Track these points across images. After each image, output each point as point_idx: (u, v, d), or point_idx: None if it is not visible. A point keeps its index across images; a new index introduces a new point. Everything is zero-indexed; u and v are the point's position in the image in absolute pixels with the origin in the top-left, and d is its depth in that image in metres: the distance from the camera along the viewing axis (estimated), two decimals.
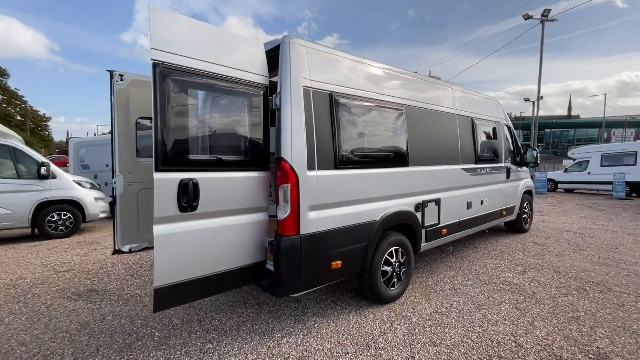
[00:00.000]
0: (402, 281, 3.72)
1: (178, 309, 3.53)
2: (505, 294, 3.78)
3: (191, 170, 2.27)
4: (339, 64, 3.13)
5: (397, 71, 3.77)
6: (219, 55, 2.40)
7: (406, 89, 3.80)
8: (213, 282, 2.47)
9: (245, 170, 2.60)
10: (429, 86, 4.24)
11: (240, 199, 2.57)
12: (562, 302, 3.55)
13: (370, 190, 3.26)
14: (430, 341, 2.85)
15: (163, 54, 2.12)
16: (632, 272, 4.41)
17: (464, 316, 3.28)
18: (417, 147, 3.81)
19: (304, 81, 2.75)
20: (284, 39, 2.74)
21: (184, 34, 2.22)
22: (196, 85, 2.30)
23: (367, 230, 3.23)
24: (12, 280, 4.45)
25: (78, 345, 2.89)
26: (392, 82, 3.64)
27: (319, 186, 2.80)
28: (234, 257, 2.57)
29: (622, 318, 3.20)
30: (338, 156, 2.97)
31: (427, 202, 3.94)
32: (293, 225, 2.65)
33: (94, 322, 3.29)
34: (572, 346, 2.75)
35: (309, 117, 2.75)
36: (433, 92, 4.25)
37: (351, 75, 3.21)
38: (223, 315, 3.37)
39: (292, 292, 2.77)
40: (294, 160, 2.63)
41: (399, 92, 3.68)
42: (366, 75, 3.37)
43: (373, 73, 3.45)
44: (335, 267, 2.97)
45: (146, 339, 2.95)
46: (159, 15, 2.13)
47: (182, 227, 2.25)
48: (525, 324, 3.12)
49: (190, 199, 2.25)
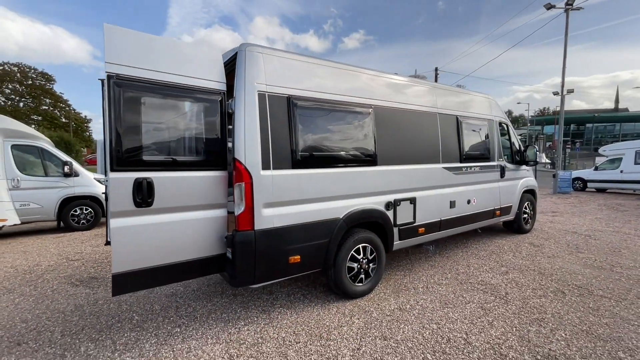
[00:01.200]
0: (372, 278, 3.81)
1: (161, 296, 3.86)
2: (476, 294, 3.76)
3: (146, 170, 2.53)
4: (299, 67, 3.27)
5: (366, 72, 3.84)
6: (172, 65, 2.64)
7: (375, 89, 3.87)
8: (172, 271, 2.73)
9: (202, 170, 2.83)
10: (404, 86, 4.25)
11: (197, 196, 2.80)
12: (532, 304, 3.49)
13: (332, 188, 3.38)
14: (381, 335, 2.95)
15: (117, 67, 2.39)
16: (624, 277, 4.19)
17: (425, 313, 3.33)
18: (388, 147, 3.87)
19: (259, 86, 2.93)
20: (240, 47, 2.94)
21: (136, 48, 2.48)
22: (150, 93, 2.55)
23: (329, 227, 3.36)
24: (30, 267, 5.02)
25: (68, 324, 3.27)
26: (359, 83, 3.72)
27: (274, 185, 2.97)
28: (193, 249, 2.82)
29: (591, 322, 3.11)
30: (296, 156, 3.12)
31: (399, 200, 3.99)
32: (248, 221, 2.85)
33: (87, 306, 3.69)
34: (523, 347, 2.74)
35: (264, 120, 2.93)
36: (408, 92, 4.27)
37: (312, 78, 3.34)
38: (199, 304, 3.65)
39: (248, 283, 2.98)
40: (247, 160, 2.82)
41: (367, 93, 3.76)
42: (329, 77, 3.49)
43: (337, 75, 3.56)
44: (293, 262, 3.14)
45: (125, 322, 3.29)
46: (113, 32, 2.40)
47: (137, 221, 2.52)
48: (484, 323, 3.13)
49: (145, 196, 2.51)
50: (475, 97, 5.39)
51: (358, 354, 2.69)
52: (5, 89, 36.73)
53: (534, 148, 6.04)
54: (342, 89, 3.55)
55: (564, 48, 13.68)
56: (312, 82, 3.32)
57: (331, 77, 3.50)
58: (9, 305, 3.71)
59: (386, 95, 3.96)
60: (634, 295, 3.65)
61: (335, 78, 3.53)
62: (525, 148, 6.08)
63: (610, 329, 2.99)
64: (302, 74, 3.27)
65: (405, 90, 4.24)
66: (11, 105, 36.39)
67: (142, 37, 2.53)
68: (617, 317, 3.20)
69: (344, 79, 3.61)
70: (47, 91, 39.66)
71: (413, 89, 4.34)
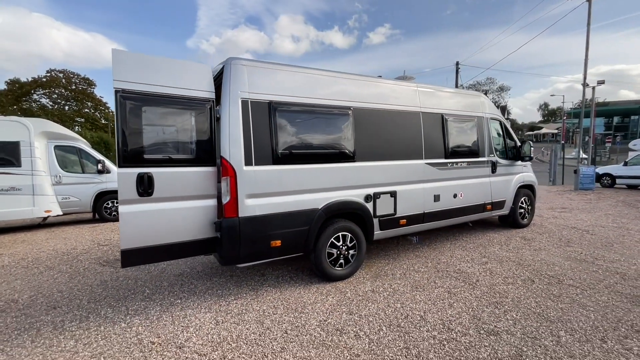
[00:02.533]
0: (352, 263, 4.21)
1: (170, 275, 4.49)
2: (448, 280, 4.06)
3: (147, 166, 3.10)
4: (280, 76, 3.72)
5: (345, 77, 4.22)
6: (168, 79, 3.18)
7: (355, 92, 4.23)
8: (170, 250, 3.30)
9: (194, 166, 3.36)
10: (384, 88, 4.57)
11: (191, 188, 3.34)
12: (498, 290, 3.74)
13: (310, 182, 3.82)
14: (348, 311, 3.36)
15: (122, 83, 2.96)
16: (602, 269, 4.29)
17: (394, 295, 3.70)
18: (366, 144, 4.23)
19: (242, 94, 3.42)
20: (227, 61, 3.44)
21: (138, 67, 3.04)
22: (149, 104, 3.10)
23: (309, 216, 3.80)
24: (68, 250, 5.87)
25: (93, 294, 3.96)
26: (338, 87, 4.11)
27: (256, 179, 3.46)
28: (187, 232, 3.37)
29: (546, 306, 3.34)
30: (276, 154, 3.58)
31: (379, 194, 4.34)
32: (233, 209, 3.36)
33: (110, 281, 4.38)
34: (472, 324, 3.04)
35: (247, 123, 3.41)
36: (389, 93, 4.58)
37: (292, 84, 3.78)
38: (200, 282, 4.23)
39: (234, 262, 3.49)
40: (231, 157, 3.32)
41: (346, 96, 4.13)
42: (309, 83, 3.90)
43: (316, 81, 3.97)
44: (274, 246, 3.61)
45: (138, 294, 3.92)
46: (119, 54, 2.98)
47: (140, 208, 3.10)
48: (444, 304, 3.44)
49: (146, 187, 3.08)
50: (464, 95, 5.58)
51: (323, 324, 3.12)
52: (52, 94, 40.16)
53: (529, 144, 6.09)
54: (321, 93, 3.96)
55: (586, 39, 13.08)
56: (292, 88, 3.76)
57: (311, 83, 3.92)
58: (48, 279, 4.49)
59: (366, 97, 4.32)
60: (603, 286, 3.79)
61: (315, 83, 3.95)
62: (521, 144, 6.16)
63: (563, 312, 3.21)
64: (283, 82, 3.72)
65: (386, 91, 4.56)
66: (58, 109, 39.74)
67: (142, 58, 3.10)
68: (576, 303, 3.40)
69: (323, 84, 4.01)
70: (89, 95, 42.84)
71: (394, 90, 4.65)
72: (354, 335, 2.92)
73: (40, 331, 3.12)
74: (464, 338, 2.82)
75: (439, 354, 2.62)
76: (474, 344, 2.74)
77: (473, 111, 5.56)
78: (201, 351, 2.73)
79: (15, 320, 3.36)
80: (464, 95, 5.58)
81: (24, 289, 4.18)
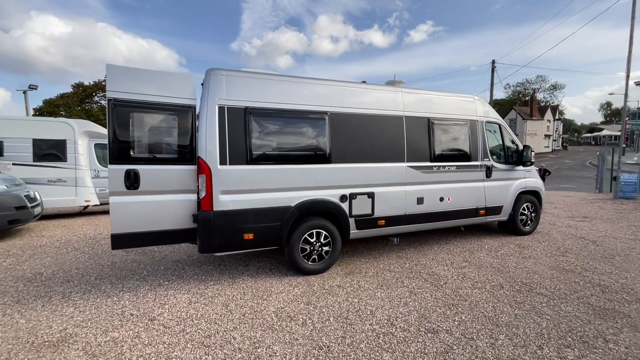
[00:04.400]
0: (326, 259, 4.45)
1: (169, 261, 5.05)
2: (416, 281, 4.15)
3: (134, 164, 3.61)
4: (257, 83, 4.07)
5: (322, 83, 4.45)
6: (154, 89, 3.66)
7: (332, 97, 4.45)
8: (154, 236, 3.80)
9: (175, 164, 3.83)
10: (363, 93, 4.73)
11: (173, 183, 3.81)
12: (461, 293, 3.78)
13: (283, 181, 4.12)
14: (307, 301, 3.63)
15: (114, 93, 3.49)
16: (585, 280, 4.11)
17: (356, 291, 3.89)
18: (343, 147, 4.44)
19: (220, 101, 3.82)
20: (207, 72, 3.87)
21: (128, 79, 3.56)
22: (137, 110, 3.61)
23: (281, 213, 4.11)
24: (94, 235, 6.74)
25: (101, 273, 4.61)
26: (314, 93, 4.36)
27: (230, 177, 3.84)
28: (170, 222, 3.84)
29: (501, 311, 3.34)
30: (250, 155, 3.94)
31: (355, 194, 4.53)
32: (208, 203, 3.78)
33: (118, 263, 5.04)
34: (416, 321, 3.17)
35: (222, 126, 3.81)
36: (369, 98, 4.73)
37: (269, 91, 4.10)
38: (190, 269, 4.73)
39: (210, 251, 3.91)
40: (207, 157, 3.74)
41: (323, 101, 4.37)
42: (285, 89, 4.20)
43: (293, 87, 4.26)
44: (247, 238, 3.98)
45: (137, 275, 4.51)
46: (112, 68, 3.52)
47: (128, 199, 3.61)
48: (400, 303, 3.58)
49: (132, 181, 3.59)
50: (456, 98, 5.52)
51: (279, 311, 3.42)
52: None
53: (530, 149, 5.86)
54: (297, 99, 4.24)
55: (630, 34, 11.88)
56: (268, 95, 4.09)
57: (287, 90, 4.22)
58: (72, 258, 5.27)
59: (344, 102, 4.52)
60: (576, 297, 3.67)
61: (291, 90, 4.24)
62: (523, 148, 5.94)
63: (515, 318, 3.21)
64: (259, 89, 4.06)
65: (365, 97, 4.72)
66: None
67: (133, 70, 3.62)
68: (534, 310, 3.36)
69: (299, 90, 4.29)
70: None
71: (374, 96, 4.79)
72: (301, 322, 3.19)
73: (52, 299, 3.77)
74: (401, 333, 2.97)
75: (370, 344, 2.80)
76: (408, 339, 2.88)
77: (465, 115, 5.50)
78: (167, 324, 3.17)
79: (36, 288, 4.06)
80: (455, 98, 5.53)
81: (50, 264, 4.97)
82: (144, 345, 2.84)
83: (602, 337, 2.87)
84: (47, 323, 3.21)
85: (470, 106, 5.62)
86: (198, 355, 2.68)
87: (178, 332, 3.04)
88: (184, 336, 2.96)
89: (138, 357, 2.66)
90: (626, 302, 3.52)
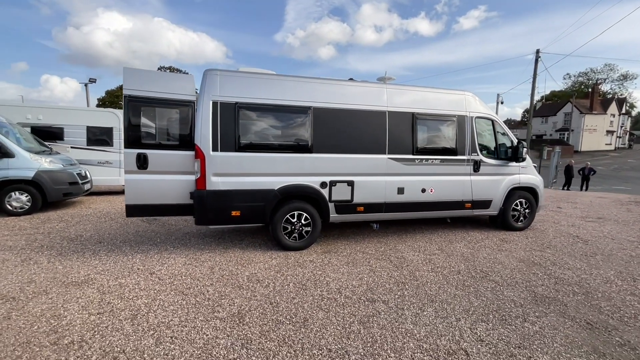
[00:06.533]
0: (306, 238, 5.03)
1: (180, 233, 5.95)
2: (381, 262, 4.58)
3: (143, 148, 4.44)
4: (247, 81, 4.68)
5: (308, 80, 4.94)
6: (162, 87, 4.43)
7: (316, 93, 4.93)
8: (159, 208, 4.65)
9: (178, 149, 4.61)
10: (347, 89, 5.12)
11: (175, 165, 4.60)
12: (416, 275, 4.16)
13: (268, 167, 4.73)
14: (278, 270, 4.25)
15: (129, 91, 4.32)
16: (546, 273, 4.25)
17: (324, 266, 4.43)
18: (324, 139, 4.93)
19: (214, 97, 4.50)
20: (204, 72, 4.56)
21: (140, 79, 4.36)
22: (147, 104, 4.42)
23: (265, 195, 4.74)
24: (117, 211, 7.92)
25: (126, 238, 5.62)
26: (299, 90, 4.86)
27: (221, 162, 4.53)
28: (173, 197, 4.66)
29: (443, 291, 3.70)
30: (239, 143, 4.59)
31: (335, 182, 5.02)
32: (202, 183, 4.52)
33: (141, 232, 6.05)
34: (362, 293, 3.64)
35: (215, 119, 4.49)
36: (352, 94, 5.12)
37: (257, 88, 4.69)
38: (195, 239, 5.58)
39: (204, 224, 4.69)
40: (202, 144, 4.46)
41: (307, 97, 4.87)
42: (272, 87, 4.76)
43: (280, 84, 4.80)
44: (234, 215, 4.67)
45: (152, 241, 5.44)
46: (127, 71, 4.34)
47: (139, 177, 4.46)
48: (356, 277, 4.06)
49: (142, 163, 4.43)
50: (444, 94, 5.69)
51: (251, 275, 4.08)
52: None
53: (522, 144, 5.85)
54: (283, 95, 4.79)
55: None
56: (257, 92, 4.69)
57: (274, 87, 4.78)
58: (107, 226, 6.39)
59: (327, 97, 4.98)
60: (525, 286, 3.88)
61: (278, 87, 4.79)
62: (517, 144, 5.95)
63: (453, 298, 3.55)
64: (249, 86, 4.67)
65: (349, 93, 5.12)
66: None
67: (144, 72, 4.42)
68: (474, 293, 3.67)
69: (286, 87, 4.83)
70: None
71: (357, 92, 5.17)
72: (265, 285, 3.82)
73: (85, 254, 4.79)
74: (343, 299, 3.48)
75: (312, 305, 3.35)
76: (345, 304, 3.38)
77: (453, 110, 5.66)
78: (161, 277, 3.97)
79: (75, 246, 5.14)
80: (444, 94, 5.69)
81: (90, 230, 6.11)
82: (140, 289, 3.66)
83: (523, 318, 3.15)
84: (77, 270, 4.18)
85: (460, 102, 5.75)
86: (176, 299, 3.43)
87: (168, 283, 3.83)
88: (170, 286, 3.74)
89: (134, 296, 3.47)
90: (571, 294, 3.67)
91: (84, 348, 2.61)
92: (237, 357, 2.54)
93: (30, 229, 6.09)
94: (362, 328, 2.95)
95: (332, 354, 2.59)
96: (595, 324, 3.07)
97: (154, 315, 3.11)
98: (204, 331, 2.86)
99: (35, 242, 5.25)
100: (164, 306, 3.29)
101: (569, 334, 2.90)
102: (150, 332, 2.83)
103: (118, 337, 2.75)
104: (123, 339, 2.73)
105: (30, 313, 3.11)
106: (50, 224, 6.45)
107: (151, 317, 3.09)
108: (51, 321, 2.98)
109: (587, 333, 2.92)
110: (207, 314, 3.15)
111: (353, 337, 2.81)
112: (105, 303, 3.34)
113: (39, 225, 6.33)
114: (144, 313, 3.15)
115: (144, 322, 3.00)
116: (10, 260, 4.46)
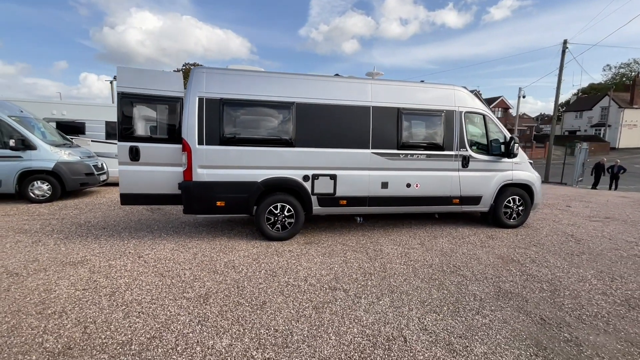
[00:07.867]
0: (289, 229, 5.23)
1: (177, 222, 6.33)
2: (357, 254, 4.70)
3: (135, 142, 4.79)
4: (232, 79, 4.90)
5: (291, 76, 5.09)
6: (153, 84, 4.75)
7: (298, 89, 5.07)
8: (151, 197, 5.00)
9: (167, 143, 4.93)
10: (331, 85, 5.21)
11: (165, 158, 4.92)
12: (387, 267, 4.26)
13: (251, 160, 4.95)
14: (255, 258, 4.49)
15: (122, 88, 4.66)
16: (520, 270, 4.20)
17: (300, 256, 4.61)
18: (306, 133, 5.07)
19: (200, 93, 4.76)
20: (192, 70, 4.82)
21: (133, 77, 4.69)
22: (139, 101, 4.75)
23: (248, 186, 4.98)
24: None
25: (127, 225, 6.06)
26: (282, 86, 5.02)
27: (206, 154, 4.81)
28: (163, 187, 5.00)
29: (407, 283, 3.78)
30: (223, 137, 4.84)
31: (318, 175, 5.16)
32: (189, 175, 4.81)
33: (142, 220, 6.50)
34: (327, 281, 3.80)
35: (201, 114, 4.76)
36: (335, 90, 5.21)
37: (242, 85, 4.90)
38: (188, 228, 5.93)
39: (191, 213, 5.00)
40: (188, 138, 4.74)
41: (289, 93, 5.02)
42: (256, 83, 4.96)
43: (264, 81, 4.98)
44: (219, 205, 4.95)
45: (149, 229, 5.85)
46: (122, 69, 4.68)
47: (131, 168, 4.83)
48: (326, 267, 4.23)
49: (134, 155, 4.78)
50: (431, 89, 5.64)
51: (228, 262, 4.34)
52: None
53: (514, 140, 5.70)
54: (266, 91, 4.97)
55: None
56: (241, 88, 4.90)
57: (258, 83, 4.98)
58: (114, 214, 6.90)
59: (310, 93, 5.11)
60: (493, 281, 3.88)
61: (261, 84, 4.98)
62: (509, 140, 5.81)
63: (415, 290, 3.63)
64: (234, 83, 4.89)
65: (332, 89, 5.21)
66: None
67: (136, 70, 4.75)
68: (440, 286, 3.73)
69: (269, 83, 5.01)
70: None
71: (341, 87, 5.25)
72: (239, 271, 4.07)
73: (87, 238, 5.25)
74: (306, 287, 3.65)
75: (275, 290, 3.56)
76: (307, 290, 3.56)
77: (441, 105, 5.61)
78: (147, 261, 4.32)
79: (81, 231, 5.63)
80: (432, 89, 5.65)
81: (99, 217, 6.63)
82: (126, 270, 4.01)
83: (476, 311, 3.19)
84: (76, 252, 4.61)
85: (448, 97, 5.69)
86: (154, 281, 3.75)
87: (151, 266, 4.16)
88: (153, 269, 4.07)
89: (120, 276, 3.83)
90: (537, 290, 3.64)
91: (62, 317, 2.95)
92: (191, 331, 2.79)
93: (48, 214, 6.70)
94: (314, 313, 3.11)
95: (277, 333, 2.78)
96: (549, 320, 3.06)
97: (130, 293, 3.43)
98: (169, 309, 3.14)
99: (49, 227, 5.80)
100: (141, 286, 3.61)
101: (517, 327, 2.93)
102: (122, 308, 3.14)
103: (94, 310, 3.09)
104: (97, 312, 3.06)
105: (27, 287, 3.52)
106: (66, 211, 7.05)
107: (127, 294, 3.41)
108: (42, 294, 3.37)
109: (537, 328, 2.93)
110: (177, 294, 3.43)
111: (303, 320, 2.99)
112: (92, 281, 3.71)
113: (55, 212, 6.94)
114: (122, 291, 3.48)
115: (119, 298, 3.32)
116: (23, 241, 4.98)
